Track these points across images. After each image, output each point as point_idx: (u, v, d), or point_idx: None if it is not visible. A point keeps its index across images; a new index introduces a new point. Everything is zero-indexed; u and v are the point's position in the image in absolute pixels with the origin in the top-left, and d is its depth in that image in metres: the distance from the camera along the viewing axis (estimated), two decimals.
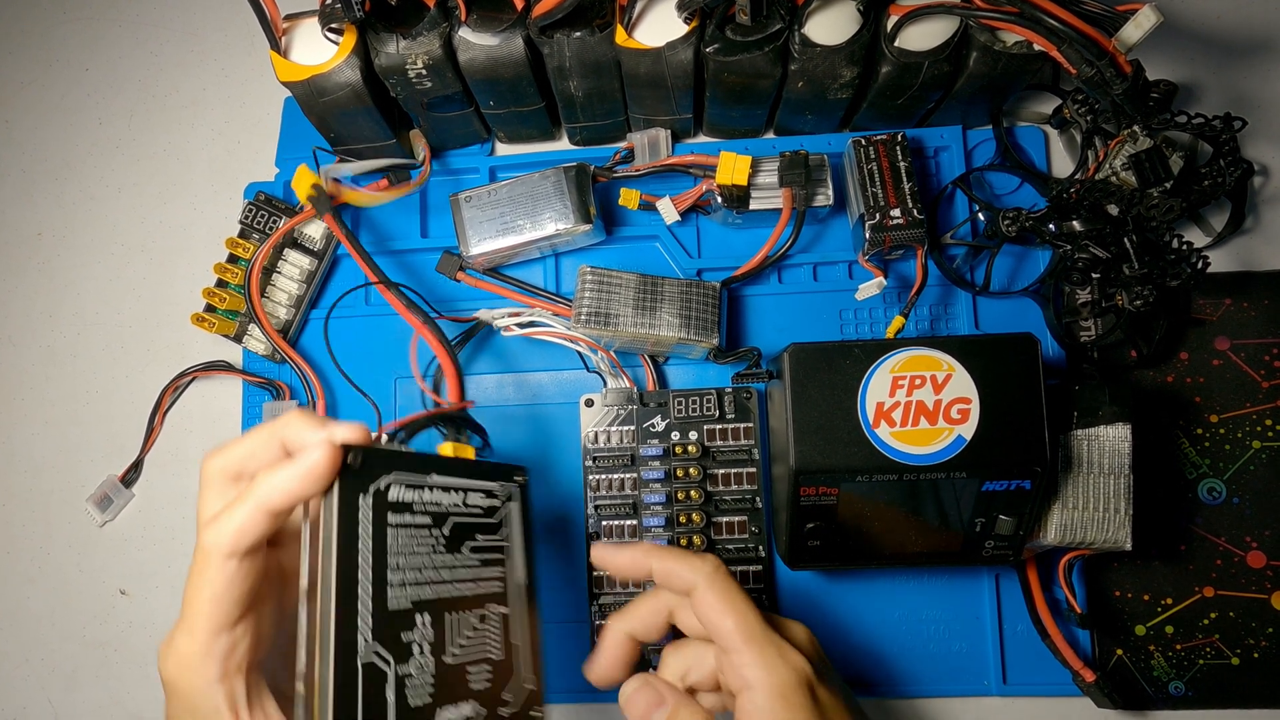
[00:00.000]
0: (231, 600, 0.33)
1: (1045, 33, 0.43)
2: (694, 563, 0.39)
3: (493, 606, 0.37)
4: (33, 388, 0.59)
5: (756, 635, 0.37)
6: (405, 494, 0.34)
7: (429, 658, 0.33)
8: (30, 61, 0.63)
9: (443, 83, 0.49)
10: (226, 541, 0.33)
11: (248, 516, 0.33)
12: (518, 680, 0.37)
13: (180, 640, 0.33)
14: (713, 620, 0.38)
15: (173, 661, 0.34)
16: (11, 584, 0.57)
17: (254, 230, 0.55)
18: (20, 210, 0.61)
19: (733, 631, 0.37)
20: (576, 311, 0.49)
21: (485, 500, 0.38)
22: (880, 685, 0.50)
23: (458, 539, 0.36)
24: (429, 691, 0.33)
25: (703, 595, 0.38)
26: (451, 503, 0.36)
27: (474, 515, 0.37)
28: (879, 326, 0.53)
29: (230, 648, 0.33)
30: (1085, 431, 0.44)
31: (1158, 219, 0.45)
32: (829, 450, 0.41)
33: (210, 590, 0.33)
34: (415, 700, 0.32)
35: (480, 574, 0.37)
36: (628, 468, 0.50)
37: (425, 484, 0.35)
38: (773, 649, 0.37)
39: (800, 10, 0.46)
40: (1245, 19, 0.56)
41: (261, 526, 0.33)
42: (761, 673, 0.37)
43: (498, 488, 0.38)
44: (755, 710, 0.36)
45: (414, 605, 0.33)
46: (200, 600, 0.33)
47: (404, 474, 0.34)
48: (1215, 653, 0.50)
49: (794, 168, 0.49)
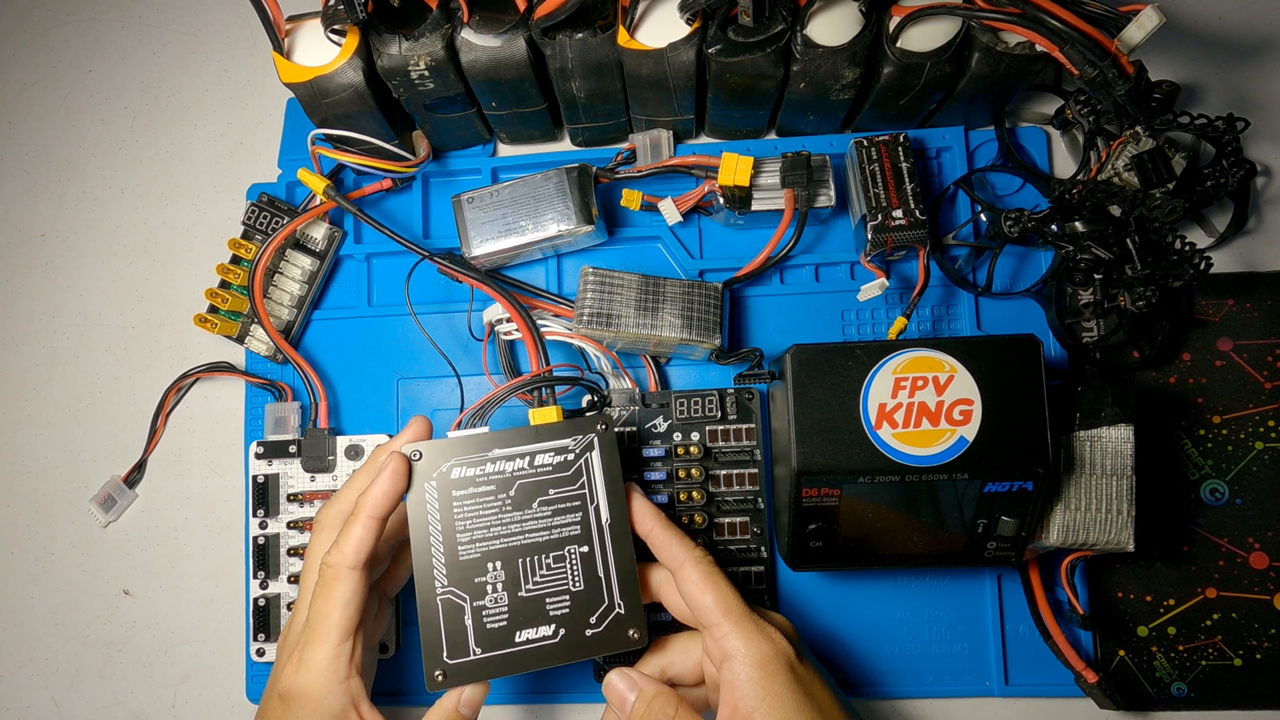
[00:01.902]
0: (356, 606, 0.41)
1: (1047, 34, 0.43)
2: (687, 544, 0.42)
3: (572, 548, 0.43)
4: (36, 388, 0.59)
5: (735, 610, 0.40)
6: (466, 471, 0.43)
7: (503, 593, 0.42)
8: (33, 63, 0.63)
9: (445, 84, 0.49)
10: (349, 555, 0.40)
11: (362, 528, 0.41)
12: (604, 606, 0.42)
13: (313, 651, 0.40)
14: (694, 596, 0.41)
15: (307, 670, 0.40)
16: (15, 584, 0.57)
17: (257, 231, 0.55)
18: (23, 211, 0.61)
19: (713, 606, 0.40)
20: (578, 312, 0.49)
21: (556, 457, 0.43)
22: (882, 686, 0.50)
23: (527, 497, 0.43)
24: (505, 618, 0.42)
25: (687, 573, 0.41)
26: (516, 468, 0.43)
27: (545, 473, 0.43)
28: (881, 327, 0.53)
29: (352, 651, 0.41)
30: (1087, 433, 0.44)
31: (1160, 220, 0.45)
32: (831, 451, 0.41)
33: (341, 599, 0.40)
34: (493, 625, 0.42)
35: (554, 522, 0.43)
36: (629, 468, 0.50)
37: (486, 459, 0.43)
38: (752, 623, 0.40)
39: (802, 11, 0.46)
40: (1248, 19, 0.56)
41: (373, 535, 0.41)
42: (740, 643, 0.39)
43: (572, 443, 0.44)
44: (736, 680, 0.39)
45: (484, 555, 0.42)
46: (332, 609, 0.40)
47: (463, 457, 0.43)
48: (1218, 654, 0.50)
49: (796, 168, 0.49)
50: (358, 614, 0.41)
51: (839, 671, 0.50)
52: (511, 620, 0.42)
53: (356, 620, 0.41)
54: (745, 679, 0.39)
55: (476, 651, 0.41)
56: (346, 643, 0.40)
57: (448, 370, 0.54)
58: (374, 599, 0.45)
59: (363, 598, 0.41)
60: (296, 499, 0.52)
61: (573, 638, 0.42)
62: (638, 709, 0.41)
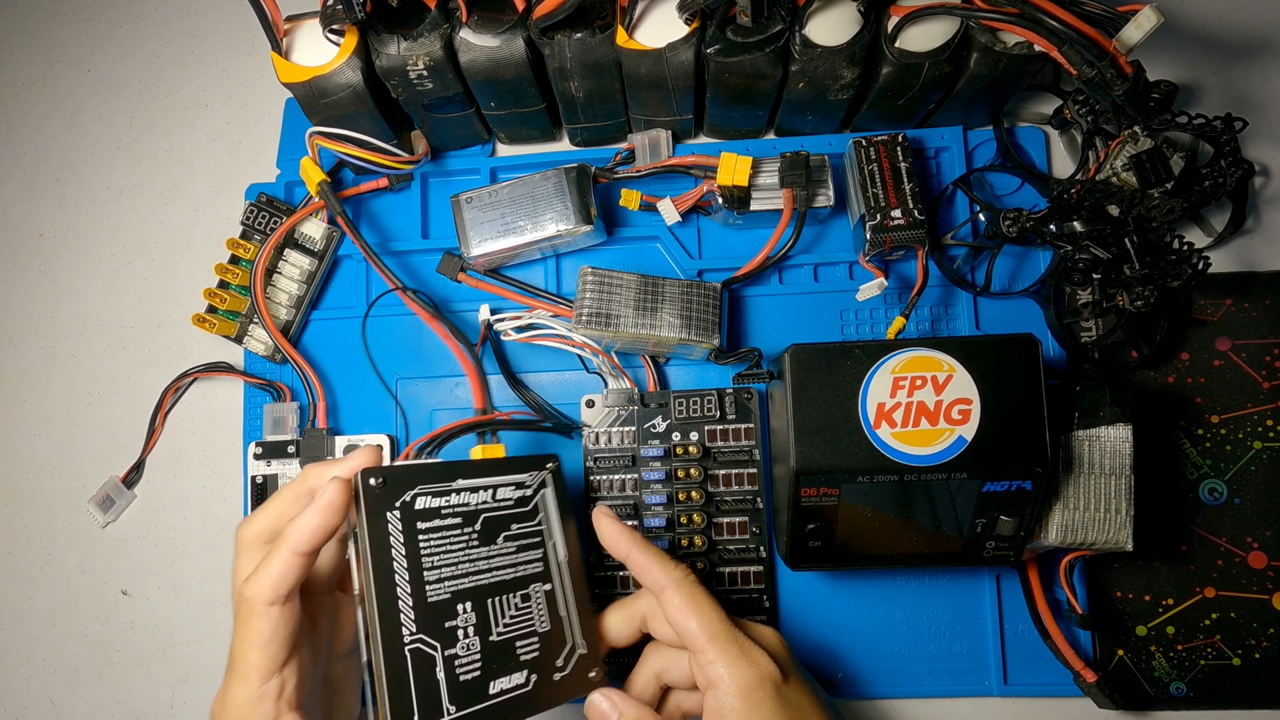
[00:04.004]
0: (278, 644, 0.36)
1: (1046, 34, 0.43)
2: (667, 565, 0.41)
3: (536, 585, 0.40)
4: (34, 389, 0.59)
5: (720, 635, 0.39)
6: (432, 501, 0.38)
7: (474, 639, 0.38)
8: (32, 63, 0.63)
9: (444, 84, 0.49)
10: (268, 590, 0.36)
11: (283, 563, 0.36)
12: (569, 646, 0.40)
13: (234, 690, 0.36)
14: (678, 621, 0.40)
15: (228, 711, 0.36)
16: (14, 584, 0.57)
17: (255, 231, 0.55)
18: (22, 211, 0.61)
19: (697, 632, 0.39)
20: (577, 312, 0.49)
21: (516, 492, 0.41)
22: (881, 685, 0.50)
23: (492, 532, 0.40)
24: (478, 667, 0.37)
25: (670, 597, 0.40)
26: (480, 500, 0.40)
27: (506, 507, 0.41)
28: (880, 327, 0.53)
29: (280, 689, 0.36)
30: (1086, 432, 0.44)
31: (1158, 219, 0.45)
32: (830, 451, 0.41)
33: (258, 638, 0.36)
34: (466, 676, 0.37)
35: (518, 559, 0.40)
36: (629, 469, 0.50)
37: (451, 489, 0.39)
38: (735, 648, 0.39)
39: (801, 11, 0.46)
40: (1246, 19, 0.56)
41: (296, 570, 0.36)
42: (725, 671, 0.38)
43: (528, 478, 0.42)
44: (721, 709, 0.38)
45: (453, 595, 0.38)
46: (249, 649, 0.36)
47: (428, 484, 0.38)
48: (1216, 653, 0.50)
49: (795, 168, 0.49)
50: (282, 650, 0.36)
51: (838, 671, 0.50)
52: (484, 669, 0.38)
53: (281, 656, 0.36)
54: (729, 709, 0.38)
55: (451, 710, 0.36)
56: (270, 681, 0.36)
57: (447, 370, 0.54)
58: (326, 608, 0.41)
59: (288, 630, 0.36)
60: None
61: (544, 683, 0.39)
62: None
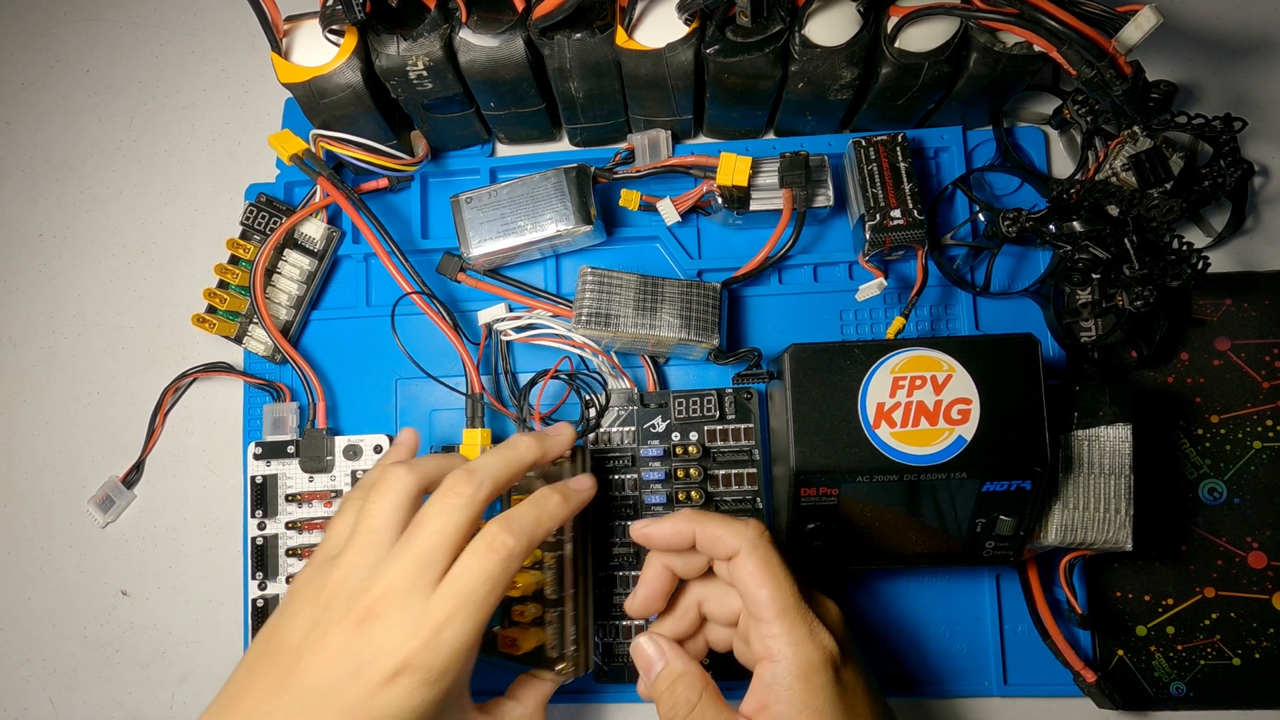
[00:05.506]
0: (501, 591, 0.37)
1: (1045, 34, 0.43)
2: (737, 527, 0.39)
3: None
4: (34, 389, 0.59)
5: (789, 610, 0.37)
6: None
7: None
8: (31, 62, 0.63)
9: (443, 84, 0.49)
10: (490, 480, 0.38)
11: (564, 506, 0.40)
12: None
13: (456, 625, 0.35)
14: (749, 587, 0.38)
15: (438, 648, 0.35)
16: (13, 584, 0.57)
17: (255, 231, 0.55)
18: (21, 211, 0.61)
19: (768, 602, 0.37)
20: (577, 312, 0.49)
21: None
22: (881, 686, 0.50)
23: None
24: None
25: (743, 562, 0.38)
26: None
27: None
28: (879, 327, 0.53)
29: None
30: (1086, 432, 0.44)
31: (1158, 219, 0.45)
32: (829, 451, 0.41)
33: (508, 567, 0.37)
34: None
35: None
36: (628, 468, 0.50)
37: None
38: (804, 626, 0.37)
39: (800, 11, 0.46)
40: (1245, 19, 0.56)
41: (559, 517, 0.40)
42: (788, 648, 0.37)
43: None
44: (776, 684, 0.37)
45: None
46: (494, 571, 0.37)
47: None
48: (1216, 653, 0.50)
49: (794, 168, 0.49)
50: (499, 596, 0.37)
51: None
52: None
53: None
54: (785, 686, 0.36)
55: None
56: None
57: (447, 371, 0.54)
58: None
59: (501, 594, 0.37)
60: (295, 500, 0.52)
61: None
62: (660, 684, 0.39)
